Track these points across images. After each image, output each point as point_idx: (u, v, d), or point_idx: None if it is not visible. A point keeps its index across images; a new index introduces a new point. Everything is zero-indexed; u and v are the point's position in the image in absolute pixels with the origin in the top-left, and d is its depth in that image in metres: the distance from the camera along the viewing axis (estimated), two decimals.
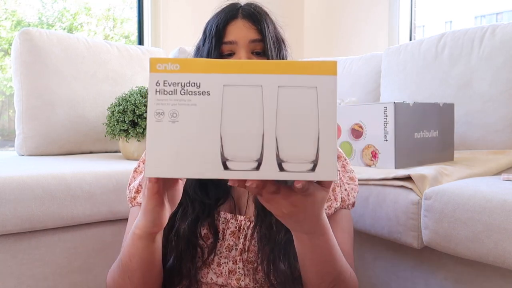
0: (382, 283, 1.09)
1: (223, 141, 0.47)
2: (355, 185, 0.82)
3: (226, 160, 0.47)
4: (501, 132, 1.35)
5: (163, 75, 0.48)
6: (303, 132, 0.47)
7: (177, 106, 0.47)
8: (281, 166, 0.47)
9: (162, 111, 0.47)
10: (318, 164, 0.47)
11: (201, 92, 0.48)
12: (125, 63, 1.76)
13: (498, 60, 1.38)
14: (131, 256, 0.63)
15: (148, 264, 0.64)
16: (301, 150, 0.47)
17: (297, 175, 0.47)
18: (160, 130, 0.47)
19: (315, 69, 0.47)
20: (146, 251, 0.62)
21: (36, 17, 2.26)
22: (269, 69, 0.47)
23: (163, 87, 0.48)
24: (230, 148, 0.47)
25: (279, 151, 0.47)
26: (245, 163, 0.47)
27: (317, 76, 0.47)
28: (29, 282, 1.02)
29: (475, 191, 0.86)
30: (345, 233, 0.81)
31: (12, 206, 0.95)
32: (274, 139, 0.47)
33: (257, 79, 0.47)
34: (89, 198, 1.07)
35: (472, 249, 0.83)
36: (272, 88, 0.47)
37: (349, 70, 1.95)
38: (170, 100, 0.47)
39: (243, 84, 0.47)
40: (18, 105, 1.51)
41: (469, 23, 7.68)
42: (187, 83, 0.48)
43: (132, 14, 2.50)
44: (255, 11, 0.78)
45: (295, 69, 0.47)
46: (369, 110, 1.15)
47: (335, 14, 2.71)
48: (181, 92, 0.47)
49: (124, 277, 0.66)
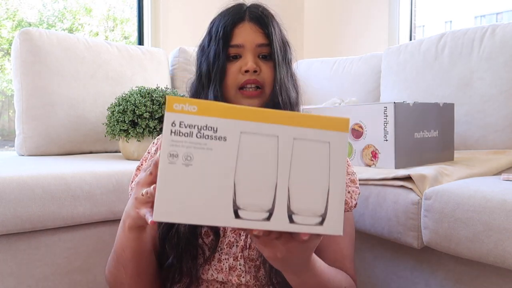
0: (382, 283, 1.09)
1: (236, 189, 0.47)
2: (356, 187, 0.83)
3: (238, 209, 0.46)
4: (501, 132, 1.35)
5: (179, 116, 0.46)
6: (314, 185, 0.48)
7: (192, 149, 0.46)
8: (291, 218, 0.47)
9: (176, 153, 0.46)
10: (326, 218, 0.48)
11: (218, 137, 0.47)
12: (125, 63, 1.76)
13: (498, 60, 1.38)
14: (124, 247, 0.64)
15: (140, 255, 0.65)
16: (311, 203, 0.47)
17: (306, 228, 0.47)
18: (173, 172, 0.46)
19: (329, 124, 0.48)
20: (137, 242, 0.63)
21: (36, 17, 2.27)
22: (286, 120, 0.47)
23: (179, 128, 0.46)
24: (243, 196, 0.47)
25: (291, 203, 0.47)
26: (256, 212, 0.47)
27: (331, 132, 0.48)
28: (29, 282, 1.02)
29: (475, 191, 0.86)
30: (346, 237, 0.81)
31: (12, 206, 0.95)
32: (286, 190, 0.47)
33: (274, 129, 0.47)
34: (89, 198, 1.07)
35: (472, 249, 0.83)
36: (287, 140, 0.47)
37: (349, 70, 1.95)
38: (185, 143, 0.46)
39: (260, 133, 0.47)
40: (18, 105, 1.51)
41: (469, 23, 7.67)
42: (204, 127, 0.46)
43: (132, 14, 2.50)
44: (263, 14, 0.78)
45: (311, 122, 0.48)
46: (369, 110, 1.15)
47: (335, 14, 2.71)
48: (197, 135, 0.46)
49: (119, 268, 0.66)
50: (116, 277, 0.68)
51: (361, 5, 2.57)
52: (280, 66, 0.77)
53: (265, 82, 0.77)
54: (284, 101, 0.76)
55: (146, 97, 1.39)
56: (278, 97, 0.75)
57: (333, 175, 0.48)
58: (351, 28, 2.62)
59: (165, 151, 0.46)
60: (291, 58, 0.82)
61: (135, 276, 0.66)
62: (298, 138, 0.47)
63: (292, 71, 0.81)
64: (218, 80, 0.76)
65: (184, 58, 1.98)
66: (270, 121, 0.47)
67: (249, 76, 0.75)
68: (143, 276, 0.68)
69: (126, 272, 0.66)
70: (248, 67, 0.75)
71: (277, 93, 0.75)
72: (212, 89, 0.76)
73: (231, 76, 0.76)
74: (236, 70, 0.76)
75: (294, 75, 0.82)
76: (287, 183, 0.47)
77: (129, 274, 0.66)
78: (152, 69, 1.85)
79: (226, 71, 0.76)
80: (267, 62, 0.77)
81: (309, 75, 2.11)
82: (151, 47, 2.22)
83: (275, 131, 0.47)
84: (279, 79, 0.76)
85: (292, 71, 0.81)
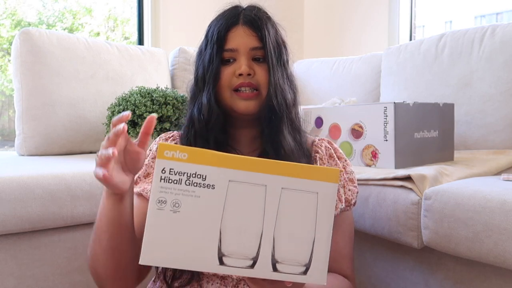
0: (382, 283, 1.09)
1: (222, 236, 0.48)
2: (354, 187, 0.84)
3: (223, 256, 0.48)
4: (501, 132, 1.35)
5: (170, 163, 0.48)
6: (300, 235, 0.48)
7: (181, 196, 0.48)
8: (275, 266, 0.48)
9: (164, 200, 0.47)
10: (310, 268, 0.48)
11: (207, 185, 0.48)
12: (125, 63, 1.76)
13: (498, 60, 1.37)
14: (101, 215, 0.65)
15: (115, 227, 0.65)
16: (296, 252, 0.48)
17: (289, 277, 0.48)
18: (160, 218, 0.47)
19: (318, 175, 0.48)
20: (113, 211, 0.64)
21: (36, 17, 2.26)
22: (274, 169, 0.48)
23: (169, 175, 0.48)
24: (228, 244, 0.48)
25: (275, 252, 0.48)
26: (241, 260, 0.48)
27: (320, 182, 0.48)
28: (29, 282, 1.02)
29: (475, 191, 0.86)
30: (346, 237, 0.83)
31: (12, 206, 0.95)
32: (271, 239, 0.48)
33: (263, 179, 0.48)
34: (89, 198, 1.07)
35: (472, 249, 0.83)
36: (275, 189, 0.48)
37: (349, 70, 1.95)
38: (174, 190, 0.48)
39: (249, 182, 0.48)
40: (18, 105, 1.51)
41: (469, 23, 7.67)
42: (193, 174, 0.48)
43: (132, 14, 2.50)
44: (256, 17, 0.78)
45: (299, 172, 0.48)
46: (369, 110, 1.15)
47: (335, 14, 2.71)
48: (186, 182, 0.48)
49: (95, 240, 0.67)
50: (92, 250, 0.68)
51: (361, 5, 2.56)
52: (274, 68, 0.77)
53: (260, 84, 0.77)
54: (279, 103, 0.76)
55: (146, 97, 1.39)
56: (273, 99, 0.76)
57: (319, 225, 0.48)
58: (351, 28, 2.62)
59: (154, 197, 0.47)
60: (287, 59, 0.82)
61: (108, 250, 0.66)
62: (286, 187, 0.48)
63: (289, 72, 0.82)
64: (211, 84, 0.77)
65: (184, 58, 1.98)
66: (259, 170, 0.48)
67: (243, 79, 0.76)
68: (117, 253, 0.67)
69: (101, 244, 0.66)
70: (242, 70, 0.76)
71: (271, 96, 0.76)
72: (206, 92, 0.77)
73: (225, 79, 0.77)
74: (230, 74, 0.77)
75: (290, 76, 0.82)
76: (273, 232, 0.48)
77: (103, 247, 0.66)
78: (152, 69, 1.85)
79: (221, 74, 0.77)
80: (262, 64, 0.78)
81: (309, 75, 2.11)
82: (151, 47, 2.22)
83: (263, 181, 0.48)
84: (273, 82, 0.76)
85: (289, 72, 0.82)
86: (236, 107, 0.77)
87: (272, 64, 0.77)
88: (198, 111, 0.78)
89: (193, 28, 2.23)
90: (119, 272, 0.69)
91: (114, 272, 0.68)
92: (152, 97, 1.39)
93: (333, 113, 1.26)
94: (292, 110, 0.79)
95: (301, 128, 0.83)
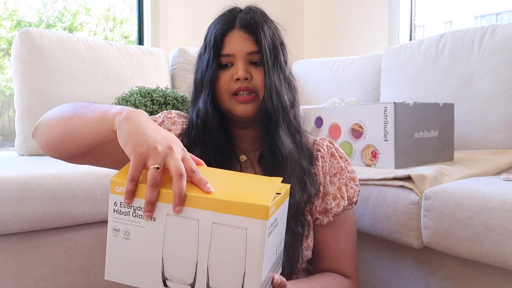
0: (382, 283, 1.09)
1: (164, 263, 0.54)
2: (355, 185, 0.84)
3: (166, 279, 0.54)
4: (501, 132, 1.35)
5: (120, 197, 0.54)
6: (231, 267, 0.52)
7: (130, 226, 0.54)
8: None
9: (118, 228, 0.55)
10: None
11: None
12: (125, 63, 1.76)
13: (498, 60, 1.38)
14: (91, 127, 0.66)
15: (90, 142, 0.68)
16: (228, 283, 0.52)
17: None
18: (116, 243, 0.55)
19: (247, 211, 0.51)
20: (99, 135, 0.65)
21: (36, 17, 2.26)
22: (207, 205, 0.52)
23: (120, 208, 0.54)
24: (169, 269, 0.54)
25: (209, 280, 0.52)
26: (181, 284, 0.53)
27: (249, 219, 0.51)
28: (29, 282, 1.02)
29: (475, 191, 0.86)
30: (347, 235, 0.84)
31: (12, 206, 0.95)
32: (205, 268, 0.52)
33: (196, 213, 0.52)
34: (89, 198, 1.07)
35: (472, 249, 0.83)
36: (207, 223, 0.52)
37: (349, 70, 1.95)
38: (125, 220, 0.54)
39: (183, 216, 0.52)
40: (18, 105, 1.51)
41: (469, 23, 7.67)
42: (138, 207, 0.54)
43: (132, 14, 2.50)
44: (252, 20, 0.78)
45: (230, 209, 0.51)
46: (369, 110, 1.15)
47: (335, 14, 2.71)
48: (133, 214, 0.54)
49: (65, 124, 0.72)
50: (51, 125, 0.75)
51: (361, 5, 2.57)
52: (270, 72, 0.77)
53: (257, 88, 0.78)
54: (275, 106, 0.77)
55: (146, 97, 1.39)
56: (268, 103, 0.76)
57: (249, 259, 0.51)
58: (351, 28, 2.62)
59: (110, 226, 0.55)
60: (285, 60, 0.82)
61: (65, 139, 0.71)
62: (216, 222, 0.52)
63: (287, 74, 0.82)
64: (208, 89, 0.78)
65: (184, 58, 1.98)
66: (192, 206, 0.52)
67: (241, 84, 0.77)
68: (68, 144, 0.71)
69: (63, 132, 0.71)
70: (239, 75, 0.76)
71: (267, 99, 0.77)
72: (202, 97, 0.79)
73: (223, 84, 0.78)
74: (228, 78, 0.78)
75: (289, 77, 0.82)
76: (206, 262, 0.52)
77: (63, 134, 0.71)
78: (152, 69, 1.85)
79: (218, 79, 0.78)
80: (259, 68, 0.78)
81: (309, 75, 2.11)
82: (151, 47, 2.22)
83: (196, 215, 0.52)
84: (269, 86, 0.77)
85: (287, 74, 0.82)
86: (234, 111, 0.78)
87: (268, 67, 0.77)
88: (196, 115, 0.79)
89: (193, 28, 2.24)
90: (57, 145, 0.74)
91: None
92: (152, 97, 1.39)
93: (333, 113, 1.26)
94: (290, 112, 0.79)
95: (302, 128, 0.83)
